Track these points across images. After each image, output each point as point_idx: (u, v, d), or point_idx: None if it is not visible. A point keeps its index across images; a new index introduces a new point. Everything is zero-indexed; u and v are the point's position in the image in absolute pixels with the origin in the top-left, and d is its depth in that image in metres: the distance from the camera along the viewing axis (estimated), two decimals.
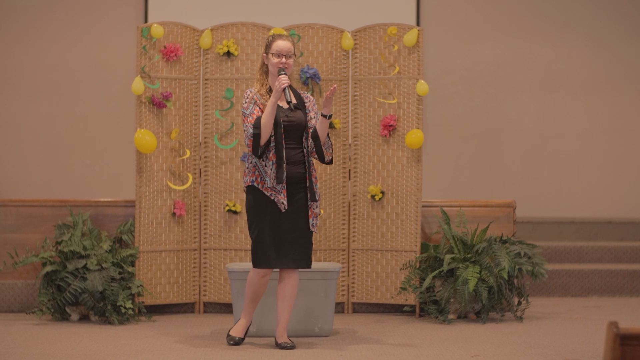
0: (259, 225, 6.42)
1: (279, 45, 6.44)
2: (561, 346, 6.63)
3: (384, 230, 7.91)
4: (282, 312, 6.54)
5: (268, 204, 6.40)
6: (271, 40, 6.50)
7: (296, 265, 6.46)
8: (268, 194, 6.39)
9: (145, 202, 7.73)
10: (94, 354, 6.29)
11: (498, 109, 10.74)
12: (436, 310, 7.63)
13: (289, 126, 6.41)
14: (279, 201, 6.37)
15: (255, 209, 6.43)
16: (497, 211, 8.10)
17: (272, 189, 6.37)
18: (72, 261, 7.42)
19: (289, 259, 6.43)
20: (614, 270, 9.05)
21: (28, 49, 10.37)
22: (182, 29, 7.87)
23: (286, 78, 6.34)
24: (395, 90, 7.91)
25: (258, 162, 6.39)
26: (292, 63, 6.47)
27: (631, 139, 10.74)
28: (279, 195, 6.37)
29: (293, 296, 6.53)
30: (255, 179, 6.41)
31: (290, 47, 6.46)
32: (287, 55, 6.43)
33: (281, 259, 6.42)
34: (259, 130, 6.30)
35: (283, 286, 6.52)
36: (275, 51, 6.44)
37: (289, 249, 6.43)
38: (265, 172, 6.37)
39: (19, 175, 10.41)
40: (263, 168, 6.38)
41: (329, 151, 6.55)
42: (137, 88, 7.64)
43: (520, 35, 10.71)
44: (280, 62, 6.40)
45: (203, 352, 6.39)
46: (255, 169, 6.41)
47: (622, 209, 10.65)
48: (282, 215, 6.41)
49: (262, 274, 6.48)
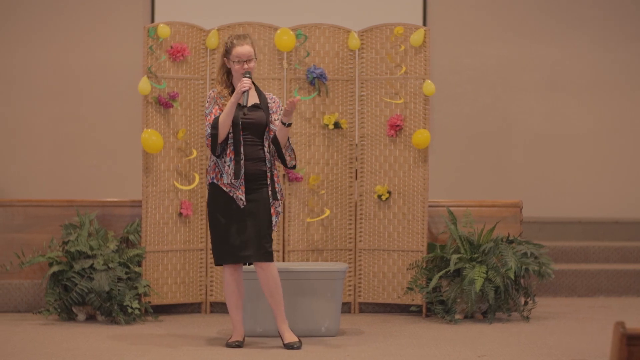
0: (217, 221, 6.47)
1: (238, 52, 6.45)
2: (568, 346, 6.63)
3: (391, 230, 7.91)
4: (274, 307, 6.54)
5: (227, 201, 6.44)
6: (230, 46, 6.50)
7: (257, 258, 6.46)
8: (227, 190, 6.42)
9: (151, 202, 7.73)
10: (101, 354, 6.29)
11: (504, 109, 10.74)
12: (443, 310, 7.63)
13: (248, 124, 6.45)
14: (237, 197, 6.42)
15: (214, 205, 6.50)
16: (503, 211, 8.10)
17: (231, 185, 6.41)
18: (78, 261, 7.43)
19: (250, 254, 6.44)
20: (621, 270, 9.04)
21: (34, 49, 10.38)
22: (189, 29, 7.87)
23: (249, 82, 6.38)
24: (401, 90, 7.90)
25: (218, 160, 6.45)
26: (253, 66, 6.48)
27: (637, 139, 10.73)
28: (237, 191, 6.41)
29: (278, 288, 6.51)
30: (215, 176, 6.49)
31: (250, 51, 6.46)
32: (248, 60, 6.46)
33: (240, 253, 6.43)
34: (216, 131, 6.38)
35: (264, 282, 6.51)
36: (235, 58, 6.46)
37: (248, 244, 6.43)
38: (223, 169, 6.42)
39: (26, 175, 10.42)
40: (222, 165, 6.42)
41: (291, 155, 6.61)
42: (144, 88, 7.64)
43: (527, 35, 10.70)
44: (242, 68, 6.45)
45: (209, 352, 6.40)
46: (216, 166, 6.49)
47: (629, 209, 10.63)
48: (242, 212, 6.43)
49: (232, 270, 6.51)
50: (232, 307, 6.57)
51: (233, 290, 6.55)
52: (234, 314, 6.58)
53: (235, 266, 6.53)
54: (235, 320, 6.59)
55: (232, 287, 6.55)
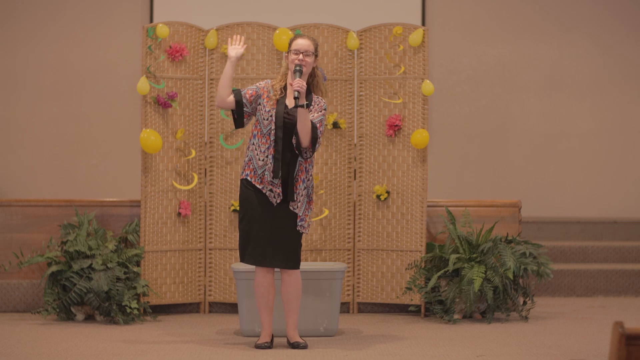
0: (248, 219, 6.44)
1: (298, 43, 6.51)
2: (567, 346, 6.63)
3: (390, 230, 7.91)
4: (288, 314, 6.54)
5: (260, 199, 6.42)
6: (292, 39, 6.57)
7: (284, 265, 6.45)
8: (260, 187, 6.40)
9: (150, 202, 7.73)
10: (99, 354, 6.29)
11: (504, 109, 10.74)
12: (441, 310, 7.63)
13: (288, 124, 6.43)
14: (273, 195, 6.39)
15: (247, 203, 6.46)
16: (502, 211, 8.10)
17: (269, 182, 6.39)
18: (77, 261, 7.43)
19: (277, 259, 6.43)
20: (620, 270, 9.05)
21: (33, 49, 10.38)
22: (188, 29, 7.87)
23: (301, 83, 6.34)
24: (400, 90, 7.90)
25: (253, 156, 6.42)
26: (310, 61, 6.49)
27: (636, 139, 10.72)
28: (275, 188, 6.38)
29: (297, 297, 6.53)
30: (250, 173, 6.44)
31: (309, 44, 6.51)
32: (305, 53, 6.47)
33: (268, 257, 6.42)
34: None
35: (285, 288, 6.52)
36: (293, 49, 6.50)
37: (275, 248, 6.43)
38: (258, 164, 6.40)
39: (25, 175, 10.42)
40: (258, 159, 6.41)
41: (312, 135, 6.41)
42: (143, 88, 7.64)
43: (526, 35, 10.70)
44: (297, 59, 6.45)
45: (208, 351, 6.40)
46: (250, 162, 6.45)
47: (628, 209, 10.63)
48: (272, 212, 6.42)
49: (263, 272, 6.49)
50: (261, 308, 6.54)
51: (263, 292, 6.52)
52: (264, 315, 6.55)
53: (267, 268, 6.51)
54: (264, 322, 6.56)
55: (262, 289, 6.52)
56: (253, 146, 6.46)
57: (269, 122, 6.42)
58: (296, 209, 6.44)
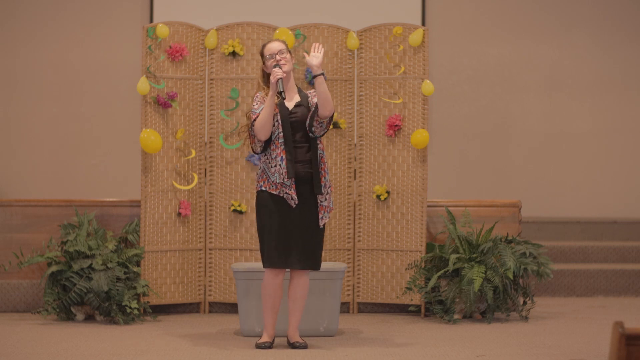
0: (267, 224, 6.43)
1: (269, 48, 6.54)
2: (567, 346, 6.63)
3: (390, 230, 7.91)
4: (292, 313, 6.55)
5: (277, 204, 6.42)
6: (262, 49, 6.60)
7: (301, 266, 6.45)
8: (277, 192, 6.40)
9: (150, 202, 7.73)
10: (99, 354, 6.29)
11: (504, 109, 10.74)
12: (441, 310, 7.63)
13: (295, 122, 6.44)
14: (289, 197, 6.38)
15: (264, 209, 6.45)
16: (502, 211, 8.10)
17: (282, 185, 6.38)
18: (77, 261, 7.43)
19: (294, 260, 6.43)
20: (620, 270, 9.05)
21: (33, 49, 10.38)
22: (188, 29, 7.87)
23: (279, 71, 6.39)
24: (400, 90, 7.90)
25: (265, 166, 6.42)
26: (287, 57, 6.51)
27: (636, 139, 10.72)
28: (290, 190, 6.38)
29: (303, 298, 6.54)
30: (264, 183, 6.44)
31: (279, 44, 6.55)
32: (279, 53, 6.49)
33: (286, 259, 6.42)
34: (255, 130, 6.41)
35: (293, 288, 6.53)
36: (267, 54, 6.53)
37: (294, 250, 6.42)
38: (270, 169, 6.40)
39: (25, 175, 10.42)
40: (270, 165, 6.40)
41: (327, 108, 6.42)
42: (143, 88, 7.64)
43: (526, 35, 10.70)
44: (274, 61, 6.47)
45: (208, 351, 6.39)
46: (264, 173, 6.45)
47: (628, 209, 10.63)
48: (291, 214, 6.41)
49: (273, 274, 6.48)
50: (267, 309, 6.53)
51: (271, 293, 6.51)
52: (268, 315, 6.54)
53: (277, 270, 6.51)
54: (267, 323, 6.55)
55: (270, 290, 6.50)
56: (264, 157, 6.47)
57: (276, 128, 6.43)
58: (324, 201, 6.45)
